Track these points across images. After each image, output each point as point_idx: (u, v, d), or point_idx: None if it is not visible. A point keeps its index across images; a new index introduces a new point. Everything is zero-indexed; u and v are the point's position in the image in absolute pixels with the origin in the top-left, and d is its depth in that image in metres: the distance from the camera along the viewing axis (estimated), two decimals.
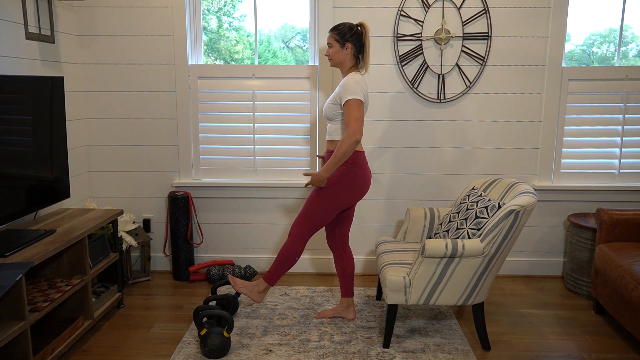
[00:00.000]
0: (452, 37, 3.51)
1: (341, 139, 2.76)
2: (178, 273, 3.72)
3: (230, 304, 3.09)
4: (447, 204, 3.75)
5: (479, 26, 3.51)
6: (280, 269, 2.88)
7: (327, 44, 2.84)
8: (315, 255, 3.85)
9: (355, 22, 2.86)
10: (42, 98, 2.78)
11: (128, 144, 3.73)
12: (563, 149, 3.66)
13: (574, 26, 3.67)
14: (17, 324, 2.22)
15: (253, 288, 2.93)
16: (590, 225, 3.34)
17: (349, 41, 2.78)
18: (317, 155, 3.15)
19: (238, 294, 3.23)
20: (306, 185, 2.84)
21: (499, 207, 2.69)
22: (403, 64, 3.56)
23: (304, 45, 3.88)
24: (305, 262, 3.85)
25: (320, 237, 3.80)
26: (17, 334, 2.20)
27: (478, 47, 3.53)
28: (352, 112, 2.66)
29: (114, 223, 3.20)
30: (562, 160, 3.68)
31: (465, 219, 2.78)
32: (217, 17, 3.85)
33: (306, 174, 2.76)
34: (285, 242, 2.89)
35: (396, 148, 3.68)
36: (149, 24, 3.56)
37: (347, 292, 3.08)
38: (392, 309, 2.73)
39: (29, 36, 2.96)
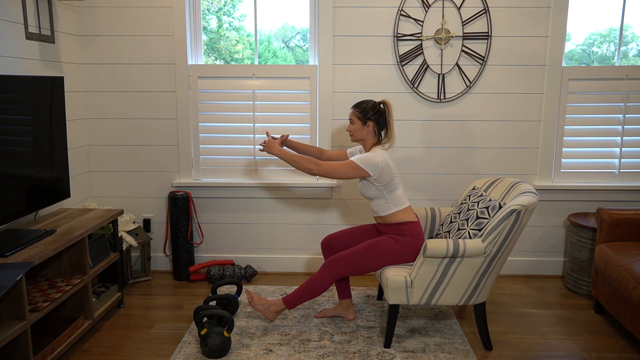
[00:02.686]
0: (452, 36, 3.51)
1: (391, 212, 2.80)
2: (178, 273, 3.71)
3: (230, 303, 3.09)
4: (448, 204, 3.75)
5: (479, 26, 3.51)
6: (305, 297, 2.83)
7: (349, 119, 2.87)
8: (315, 255, 3.85)
9: (378, 100, 2.88)
10: (42, 98, 2.77)
11: (128, 144, 3.73)
12: (563, 149, 3.66)
13: (574, 26, 3.67)
14: (17, 324, 2.22)
15: (269, 307, 2.89)
16: (590, 225, 3.35)
17: (371, 119, 2.80)
18: (267, 132, 3.07)
19: (238, 293, 3.23)
20: (261, 144, 2.89)
21: (500, 207, 2.69)
22: (403, 63, 3.56)
23: (304, 45, 3.88)
24: (305, 262, 3.85)
25: (318, 238, 3.80)
26: (17, 333, 2.19)
27: (478, 46, 3.53)
28: (347, 168, 2.71)
29: (114, 223, 3.20)
30: (562, 160, 3.68)
31: (467, 219, 2.78)
32: (217, 17, 3.85)
33: (267, 141, 2.88)
34: (317, 274, 2.80)
35: (396, 148, 3.68)
36: (149, 24, 3.56)
37: (344, 294, 3.08)
38: (394, 309, 2.73)
39: (29, 36, 2.96)
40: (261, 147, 2.90)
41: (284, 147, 3.11)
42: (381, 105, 2.84)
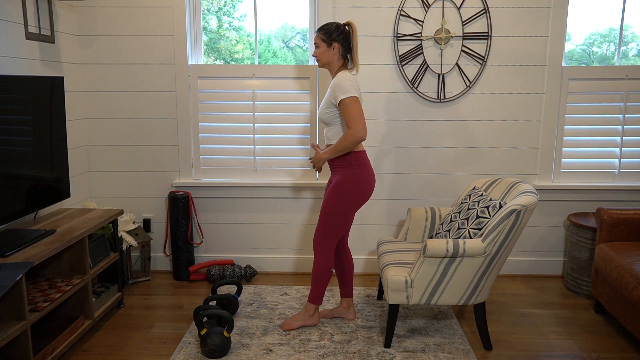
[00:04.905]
0: (452, 36, 3.51)
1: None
2: (178, 273, 3.71)
3: (230, 303, 3.09)
4: (448, 203, 3.75)
5: (479, 26, 3.51)
6: (320, 285, 2.88)
7: (314, 44, 2.79)
8: None
9: (343, 22, 2.81)
10: (42, 98, 2.78)
11: (128, 144, 3.73)
12: (563, 149, 3.67)
13: (574, 26, 3.68)
14: (17, 324, 2.22)
15: (304, 316, 2.95)
16: (590, 225, 3.35)
17: (336, 41, 2.73)
18: (312, 145, 2.99)
19: (238, 293, 3.23)
20: (310, 160, 2.86)
21: (500, 206, 2.69)
22: (403, 63, 3.56)
23: (304, 45, 3.88)
24: (305, 262, 3.85)
25: None
26: (17, 333, 2.19)
27: (478, 46, 3.53)
28: (350, 110, 2.61)
29: (114, 223, 3.20)
30: (562, 159, 3.68)
31: (467, 219, 2.78)
32: (217, 17, 3.85)
33: (311, 158, 2.85)
34: (314, 261, 2.87)
35: (396, 148, 3.68)
36: (149, 24, 3.56)
37: (346, 292, 3.08)
38: (394, 309, 2.73)
39: (29, 36, 2.96)
40: (317, 171, 2.88)
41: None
42: (346, 27, 2.76)
